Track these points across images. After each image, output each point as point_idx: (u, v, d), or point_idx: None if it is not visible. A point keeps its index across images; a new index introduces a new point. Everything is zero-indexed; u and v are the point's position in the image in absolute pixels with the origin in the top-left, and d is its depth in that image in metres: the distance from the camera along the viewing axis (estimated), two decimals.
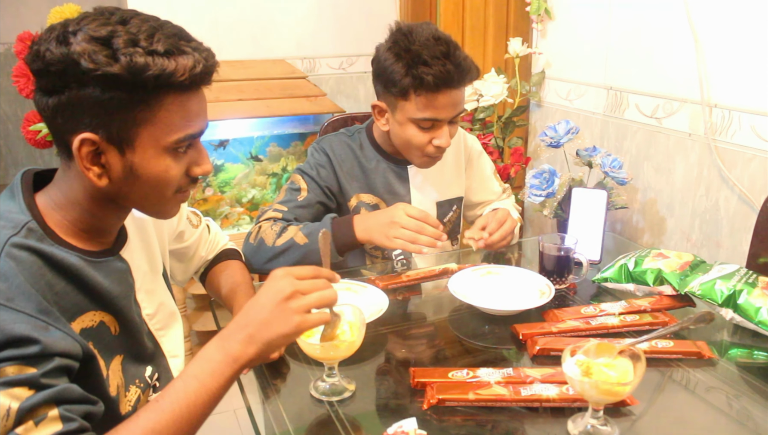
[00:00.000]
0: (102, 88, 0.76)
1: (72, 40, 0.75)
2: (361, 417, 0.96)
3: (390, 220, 1.30)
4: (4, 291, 0.73)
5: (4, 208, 0.82)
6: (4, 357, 0.70)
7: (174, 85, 0.79)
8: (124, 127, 0.79)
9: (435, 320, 1.27)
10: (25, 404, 0.69)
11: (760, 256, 1.50)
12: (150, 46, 0.76)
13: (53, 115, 0.79)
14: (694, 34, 1.86)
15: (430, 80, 1.28)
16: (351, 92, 2.94)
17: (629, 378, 0.87)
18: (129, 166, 0.81)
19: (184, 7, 2.50)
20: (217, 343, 0.82)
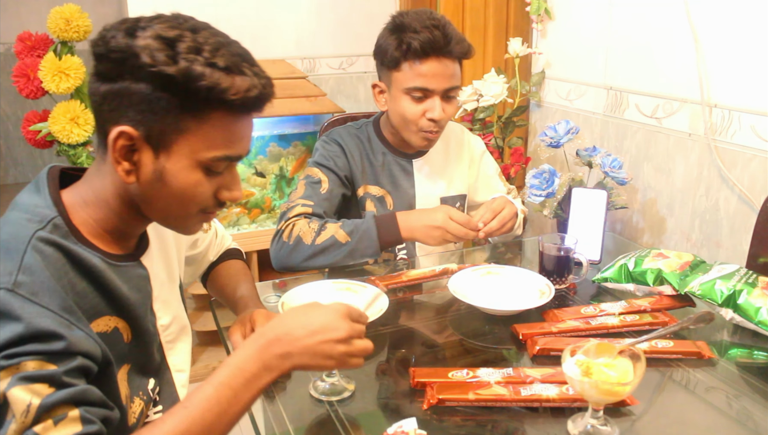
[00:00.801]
0: (154, 86, 0.76)
1: (139, 34, 0.76)
2: (361, 417, 0.96)
3: (435, 225, 1.35)
4: (29, 284, 0.72)
5: (30, 201, 0.81)
6: (27, 351, 0.69)
7: (225, 102, 0.78)
8: (165, 131, 0.78)
9: (435, 320, 1.27)
10: (46, 401, 0.67)
11: (760, 256, 1.50)
12: (211, 58, 0.77)
13: (101, 102, 0.79)
14: (694, 34, 1.86)
15: (417, 46, 1.35)
16: (351, 92, 2.94)
17: (629, 378, 0.87)
18: (159, 171, 0.80)
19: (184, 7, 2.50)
20: (253, 353, 0.79)
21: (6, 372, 0.67)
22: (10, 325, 0.69)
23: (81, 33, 2.18)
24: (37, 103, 2.62)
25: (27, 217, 0.79)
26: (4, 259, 0.74)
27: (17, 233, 0.77)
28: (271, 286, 1.40)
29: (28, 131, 2.26)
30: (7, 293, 0.70)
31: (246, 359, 0.78)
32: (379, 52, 1.43)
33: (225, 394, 0.75)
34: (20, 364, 0.68)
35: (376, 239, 1.35)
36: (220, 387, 0.76)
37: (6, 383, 0.67)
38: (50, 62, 2.13)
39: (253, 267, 2.44)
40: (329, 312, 0.83)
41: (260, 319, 1.07)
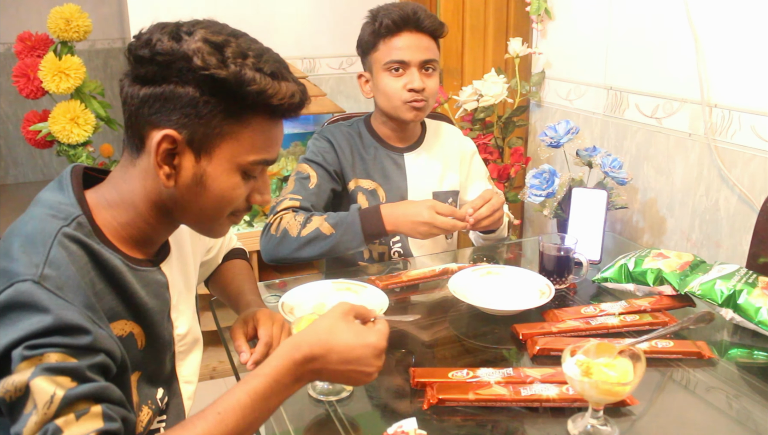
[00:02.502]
0: (202, 90, 0.76)
1: (186, 38, 0.76)
2: (361, 417, 0.96)
3: (422, 220, 1.35)
4: (55, 278, 0.72)
5: (53, 198, 0.81)
6: (52, 343, 0.68)
7: (268, 107, 0.79)
8: (208, 135, 0.78)
9: (435, 320, 1.27)
10: (70, 393, 0.66)
11: (760, 256, 1.50)
12: (258, 63, 0.77)
13: (140, 105, 0.78)
14: (694, 34, 1.86)
15: (389, 22, 1.43)
16: (351, 92, 2.94)
17: (629, 378, 0.87)
18: (200, 175, 0.80)
19: (184, 7, 2.51)
20: (290, 366, 0.78)
21: (29, 362, 0.66)
22: (36, 316, 0.68)
23: (81, 33, 2.18)
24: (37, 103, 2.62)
25: (51, 212, 0.78)
26: (29, 251, 0.73)
27: (43, 228, 0.76)
28: (271, 286, 1.40)
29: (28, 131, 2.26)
30: (33, 285, 0.70)
31: (283, 372, 0.78)
32: (359, 42, 1.51)
33: (259, 405, 0.75)
34: (43, 355, 0.67)
35: (360, 232, 1.36)
36: (255, 397, 0.75)
37: (29, 373, 0.66)
38: (50, 62, 2.13)
39: (254, 267, 2.44)
40: (369, 348, 0.82)
41: (263, 318, 1.06)
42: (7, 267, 0.72)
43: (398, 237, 1.55)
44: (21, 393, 0.66)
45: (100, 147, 2.45)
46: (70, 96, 2.22)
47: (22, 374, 0.66)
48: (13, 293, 0.69)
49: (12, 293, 0.69)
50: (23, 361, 0.67)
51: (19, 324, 0.68)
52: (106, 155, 2.46)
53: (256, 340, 1.05)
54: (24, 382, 0.66)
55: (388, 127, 1.55)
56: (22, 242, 0.75)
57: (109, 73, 4.48)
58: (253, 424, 0.75)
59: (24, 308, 0.69)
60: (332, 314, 0.83)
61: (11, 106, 4.36)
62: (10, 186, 4.54)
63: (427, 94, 1.46)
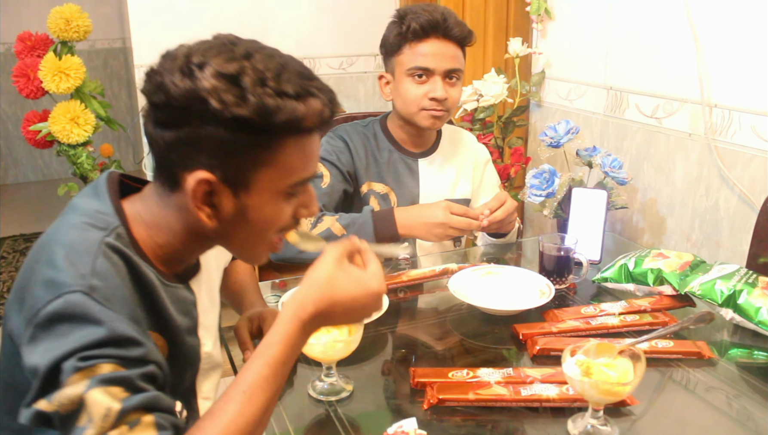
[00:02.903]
0: (226, 129, 0.72)
1: (198, 75, 0.72)
2: (361, 417, 0.96)
3: (437, 222, 1.35)
4: (103, 289, 0.71)
5: (89, 205, 0.79)
6: (104, 354, 0.67)
7: (300, 129, 0.76)
8: (242, 169, 0.75)
9: (435, 320, 1.27)
10: (126, 405, 0.65)
11: (760, 256, 1.50)
12: (279, 86, 0.73)
13: (167, 149, 0.75)
14: (694, 34, 1.86)
15: (416, 26, 1.39)
16: (351, 92, 2.94)
17: (629, 378, 0.87)
18: (241, 209, 0.78)
19: (185, 7, 2.51)
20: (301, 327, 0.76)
21: (82, 374, 0.66)
22: (88, 328, 0.68)
23: (81, 33, 2.18)
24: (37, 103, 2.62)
25: (89, 221, 0.77)
26: (75, 261, 0.72)
27: (86, 237, 0.75)
28: (271, 286, 1.40)
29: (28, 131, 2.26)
30: (84, 296, 0.69)
31: (294, 334, 0.75)
32: (383, 42, 1.47)
33: (280, 372, 0.74)
34: (96, 366, 0.66)
35: (372, 234, 1.35)
36: (275, 366, 0.74)
37: (84, 385, 0.65)
38: (50, 62, 2.13)
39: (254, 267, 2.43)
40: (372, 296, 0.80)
41: (270, 318, 1.06)
42: (54, 277, 0.71)
43: (407, 242, 1.54)
44: (75, 406, 0.65)
45: (100, 147, 2.44)
46: (70, 96, 2.22)
47: (76, 387, 0.65)
48: (63, 304, 0.68)
49: (62, 304, 0.68)
50: (76, 372, 0.66)
51: (71, 335, 0.67)
52: (106, 155, 2.46)
53: (259, 339, 1.05)
54: (79, 395, 0.65)
55: (404, 131, 1.53)
56: (67, 252, 0.73)
57: (109, 73, 4.49)
58: (278, 391, 0.75)
59: (75, 320, 0.68)
60: (326, 264, 0.79)
61: (11, 106, 4.36)
62: (10, 186, 4.54)
63: (449, 104, 1.44)
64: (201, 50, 0.74)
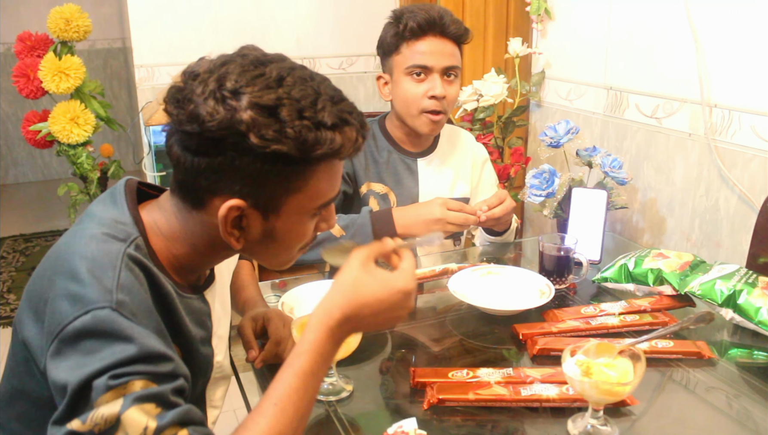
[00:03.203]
0: (263, 162, 0.72)
1: (234, 105, 0.70)
2: (361, 417, 0.96)
3: (434, 218, 1.36)
4: (129, 304, 0.70)
5: (107, 214, 0.79)
6: (136, 371, 0.67)
7: (335, 157, 0.76)
8: (273, 196, 0.76)
9: (435, 320, 1.27)
10: (161, 422, 0.65)
11: (760, 256, 1.50)
12: (316, 116, 0.73)
13: (196, 174, 0.74)
14: (694, 34, 1.86)
15: (413, 24, 1.39)
16: (351, 92, 2.92)
17: (629, 378, 0.87)
18: (270, 230, 0.78)
19: (185, 7, 2.51)
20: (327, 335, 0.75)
21: (114, 392, 0.65)
22: (119, 345, 0.67)
23: (81, 33, 2.18)
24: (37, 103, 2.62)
25: (107, 232, 0.76)
26: (99, 275, 0.71)
27: (107, 249, 0.74)
28: (270, 286, 1.40)
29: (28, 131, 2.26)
30: (112, 313, 0.68)
31: (323, 343, 0.75)
32: (381, 43, 1.48)
33: (310, 382, 0.74)
34: (128, 383, 0.66)
35: (370, 235, 1.35)
36: (305, 376, 0.73)
37: (119, 405, 0.65)
38: (50, 62, 2.13)
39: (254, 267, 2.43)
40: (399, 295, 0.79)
41: (274, 318, 1.07)
42: (79, 292, 0.70)
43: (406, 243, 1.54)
44: (110, 425, 0.64)
45: (100, 147, 2.44)
46: (70, 96, 2.22)
47: (111, 406, 0.65)
48: (91, 321, 0.68)
49: (90, 321, 0.68)
50: (108, 391, 0.65)
51: (101, 352, 0.67)
52: (106, 155, 2.46)
53: (263, 338, 1.06)
54: (115, 415, 0.64)
55: (402, 131, 1.53)
56: (90, 265, 0.72)
57: (109, 73, 4.49)
58: (310, 402, 0.74)
59: (105, 337, 0.68)
60: (352, 268, 0.79)
61: (11, 106, 4.36)
62: (10, 186, 4.54)
63: (447, 102, 1.45)
64: (233, 74, 0.72)
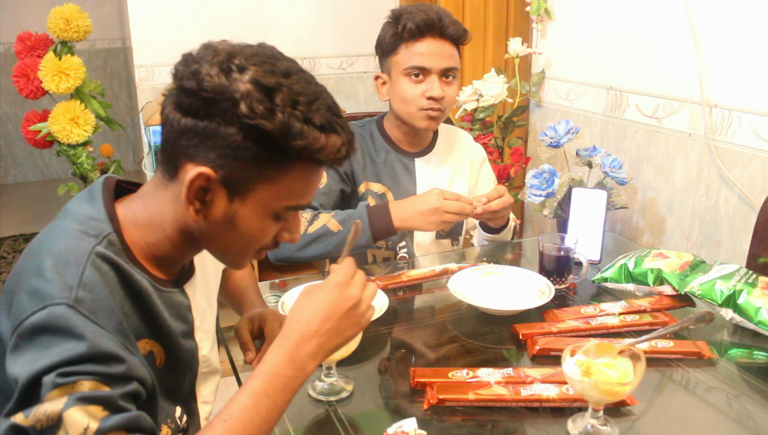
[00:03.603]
0: (245, 135, 0.72)
1: (236, 76, 0.72)
2: (361, 417, 0.96)
3: (432, 208, 1.34)
4: (89, 302, 0.70)
5: (83, 211, 0.79)
6: (84, 371, 0.66)
7: (313, 159, 0.77)
8: (245, 177, 0.76)
9: (435, 320, 1.27)
10: (103, 425, 0.65)
11: (760, 256, 1.50)
12: (308, 113, 0.74)
13: (179, 134, 0.75)
14: (694, 34, 1.86)
15: (412, 25, 1.39)
16: (351, 92, 2.94)
17: (629, 378, 0.87)
18: (231, 214, 0.78)
19: (185, 7, 2.51)
20: (284, 356, 0.77)
21: (61, 390, 0.65)
22: (70, 343, 0.67)
23: (81, 33, 2.18)
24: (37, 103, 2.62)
25: (81, 228, 0.76)
26: (63, 272, 0.71)
27: (75, 246, 0.74)
28: (271, 286, 1.40)
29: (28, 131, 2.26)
30: (68, 309, 0.68)
31: (279, 364, 0.77)
32: (379, 43, 1.47)
33: (264, 403, 0.74)
34: (76, 383, 0.66)
35: (368, 229, 1.35)
36: (257, 396, 0.74)
37: (63, 403, 0.65)
38: (50, 62, 2.13)
39: (254, 267, 2.44)
40: (329, 289, 0.81)
41: (271, 318, 1.06)
42: (40, 287, 0.70)
43: (404, 241, 1.54)
44: (52, 422, 0.64)
45: (100, 147, 2.44)
46: (70, 96, 2.22)
47: (55, 403, 0.65)
48: (46, 317, 0.68)
49: (45, 316, 0.68)
50: (55, 388, 0.65)
51: (52, 349, 0.67)
52: (106, 155, 2.46)
53: (260, 339, 1.05)
54: (57, 412, 0.64)
55: (400, 131, 1.53)
56: (55, 261, 0.72)
57: (109, 73, 4.49)
58: (263, 424, 0.74)
59: (58, 333, 0.68)
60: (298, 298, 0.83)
61: (11, 106, 4.36)
62: (10, 186, 4.54)
63: (445, 103, 1.45)
64: (245, 54, 0.75)
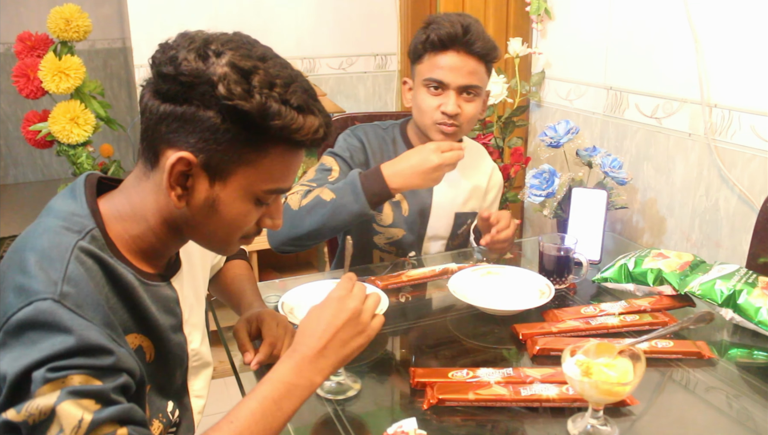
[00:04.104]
0: (224, 117, 0.74)
1: (213, 60, 0.74)
2: (361, 417, 0.96)
3: (432, 166, 1.29)
4: (74, 296, 0.70)
5: (65, 208, 0.79)
6: (74, 365, 0.66)
7: (290, 140, 0.78)
8: (225, 161, 0.77)
9: (435, 320, 1.27)
10: (97, 417, 0.65)
11: (760, 256, 1.50)
12: (285, 94, 0.75)
13: (158, 121, 0.76)
14: (694, 34, 1.86)
15: (435, 37, 1.36)
16: (351, 92, 2.94)
17: (629, 378, 0.87)
18: (212, 199, 0.79)
19: (184, 6, 2.51)
20: (292, 368, 0.79)
21: (52, 385, 0.65)
22: (58, 337, 0.67)
23: (81, 33, 2.18)
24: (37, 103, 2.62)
25: (63, 224, 0.76)
26: (47, 268, 0.71)
27: (59, 242, 0.74)
28: (271, 286, 1.40)
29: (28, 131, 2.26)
30: (54, 304, 0.68)
31: (287, 374, 0.79)
32: (411, 48, 1.45)
33: (270, 409, 0.76)
34: (67, 377, 0.66)
35: (360, 192, 1.28)
36: (264, 401, 0.76)
37: (55, 397, 0.65)
38: (50, 62, 2.13)
39: (253, 267, 2.44)
40: (329, 303, 0.84)
41: (267, 319, 1.07)
42: (25, 283, 0.70)
43: (413, 252, 1.51)
44: (45, 417, 0.65)
45: (100, 147, 2.44)
46: (70, 96, 2.21)
47: (47, 398, 0.65)
48: (33, 312, 0.68)
49: (32, 312, 0.68)
50: (46, 383, 0.65)
51: (40, 344, 0.67)
52: (106, 155, 2.46)
53: (259, 340, 1.05)
54: (50, 407, 0.64)
55: (420, 139, 1.48)
56: (38, 257, 0.72)
57: (109, 73, 4.48)
58: (268, 429, 0.75)
59: (45, 328, 0.68)
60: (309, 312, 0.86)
61: (11, 106, 4.35)
62: (10, 186, 4.54)
63: (462, 120, 1.40)
64: (221, 40, 0.76)
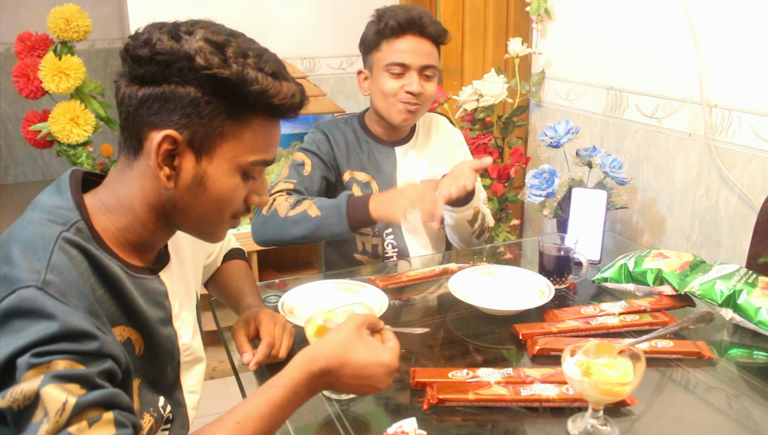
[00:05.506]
0: (204, 90, 0.76)
1: (186, 38, 0.76)
2: (361, 416, 0.96)
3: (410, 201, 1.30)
4: (58, 284, 0.70)
5: (51, 202, 0.80)
6: (59, 350, 0.66)
7: (269, 107, 0.79)
8: (209, 135, 0.78)
9: (435, 320, 1.27)
10: (81, 400, 0.65)
11: (760, 256, 1.50)
12: (259, 63, 0.78)
13: (139, 106, 0.77)
14: (694, 34, 1.86)
15: (394, 23, 1.45)
16: (351, 92, 2.94)
17: (629, 378, 0.87)
18: (200, 175, 0.80)
19: (184, 6, 2.51)
20: (306, 379, 0.80)
21: (36, 370, 0.65)
22: (42, 323, 0.67)
23: (81, 33, 2.18)
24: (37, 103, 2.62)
25: (49, 217, 0.77)
26: (30, 257, 0.72)
27: (42, 233, 0.75)
28: (271, 286, 1.40)
29: (28, 131, 2.26)
30: (37, 291, 0.69)
31: (300, 383, 0.79)
32: (363, 40, 1.54)
33: (276, 414, 0.77)
34: (51, 362, 0.66)
35: (344, 217, 1.34)
36: (273, 407, 0.77)
37: (39, 381, 0.65)
38: (50, 62, 2.13)
39: (253, 267, 2.44)
40: (383, 367, 0.83)
41: (265, 319, 1.07)
42: (8, 273, 0.71)
43: (390, 229, 1.56)
44: (29, 401, 0.65)
45: (100, 147, 2.44)
46: (70, 96, 2.22)
47: (31, 382, 0.65)
48: (16, 300, 0.68)
49: (15, 300, 0.68)
50: (30, 369, 0.65)
51: (24, 331, 0.67)
52: (106, 155, 2.46)
53: (258, 340, 1.05)
54: (34, 391, 0.65)
55: (380, 125, 1.57)
56: (22, 248, 0.73)
57: (109, 73, 4.48)
58: (268, 432, 0.76)
59: (28, 315, 0.68)
60: (347, 327, 0.84)
61: (11, 106, 4.35)
62: (10, 186, 4.54)
63: (423, 99, 1.49)
64: (189, 23, 0.79)
